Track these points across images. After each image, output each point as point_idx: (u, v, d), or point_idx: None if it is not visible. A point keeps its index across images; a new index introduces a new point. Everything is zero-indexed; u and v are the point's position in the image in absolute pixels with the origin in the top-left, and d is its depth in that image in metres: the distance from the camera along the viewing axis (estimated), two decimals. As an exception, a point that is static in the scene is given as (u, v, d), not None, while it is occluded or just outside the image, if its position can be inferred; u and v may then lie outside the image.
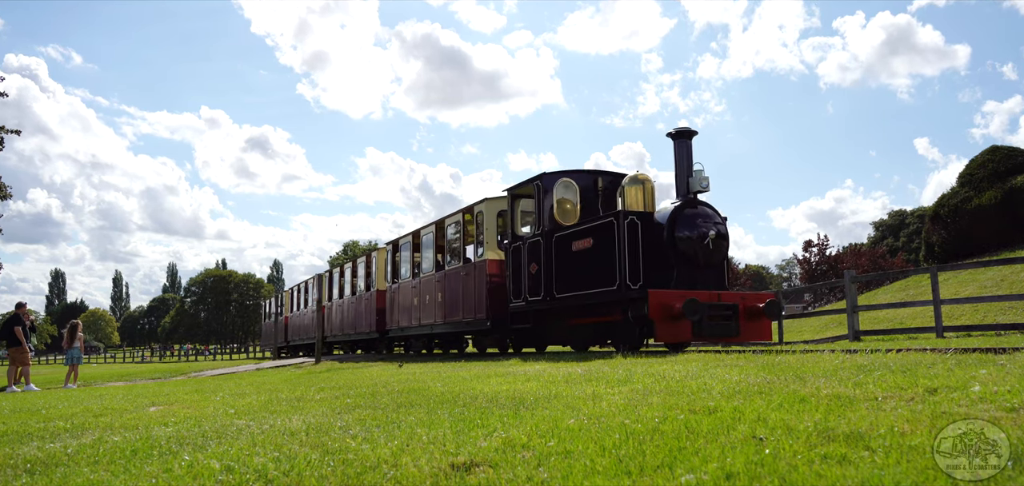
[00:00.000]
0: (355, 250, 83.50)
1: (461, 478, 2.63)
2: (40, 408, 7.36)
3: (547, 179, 11.26)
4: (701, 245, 9.42)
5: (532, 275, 11.26)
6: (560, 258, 10.66)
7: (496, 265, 12.85)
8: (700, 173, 9.72)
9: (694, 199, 9.68)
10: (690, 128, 9.87)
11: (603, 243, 9.77)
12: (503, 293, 12.47)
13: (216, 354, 57.66)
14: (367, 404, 5.23)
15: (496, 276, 12.77)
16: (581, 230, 10.33)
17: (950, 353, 5.47)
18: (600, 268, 9.78)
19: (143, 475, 3.06)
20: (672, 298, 8.82)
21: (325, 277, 24.78)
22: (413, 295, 16.27)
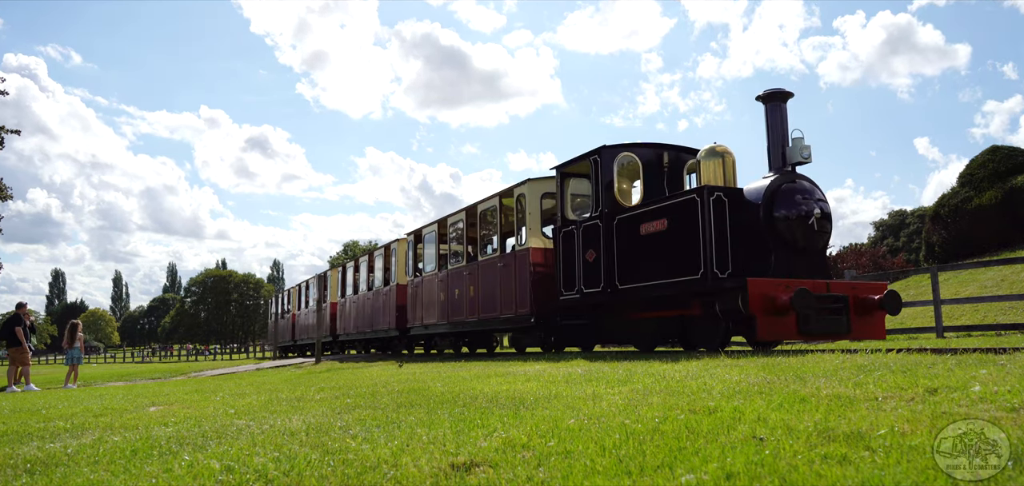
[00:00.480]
0: (355, 250, 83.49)
1: (461, 478, 2.63)
2: (40, 408, 7.36)
3: (606, 153, 9.89)
4: (803, 226, 8.14)
5: (588, 264, 9.98)
6: (624, 243, 9.42)
7: (541, 254, 11.61)
8: (800, 141, 8.42)
9: (793, 172, 8.43)
10: (784, 89, 8.50)
11: (681, 225, 8.52)
12: (549, 285, 11.24)
13: (216, 354, 57.65)
14: (367, 404, 5.23)
15: (541, 266, 11.52)
16: (652, 210, 9.04)
17: (950, 353, 5.47)
18: (677, 254, 8.55)
19: (143, 475, 3.06)
20: (776, 288, 7.63)
21: (336, 273, 23.63)
22: (440, 290, 14.97)
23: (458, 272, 14.22)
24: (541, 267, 11.53)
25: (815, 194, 8.32)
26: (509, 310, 12.11)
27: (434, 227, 15.58)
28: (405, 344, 18.42)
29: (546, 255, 11.60)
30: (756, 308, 7.59)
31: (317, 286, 25.30)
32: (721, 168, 8.97)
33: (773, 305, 7.59)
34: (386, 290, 18.29)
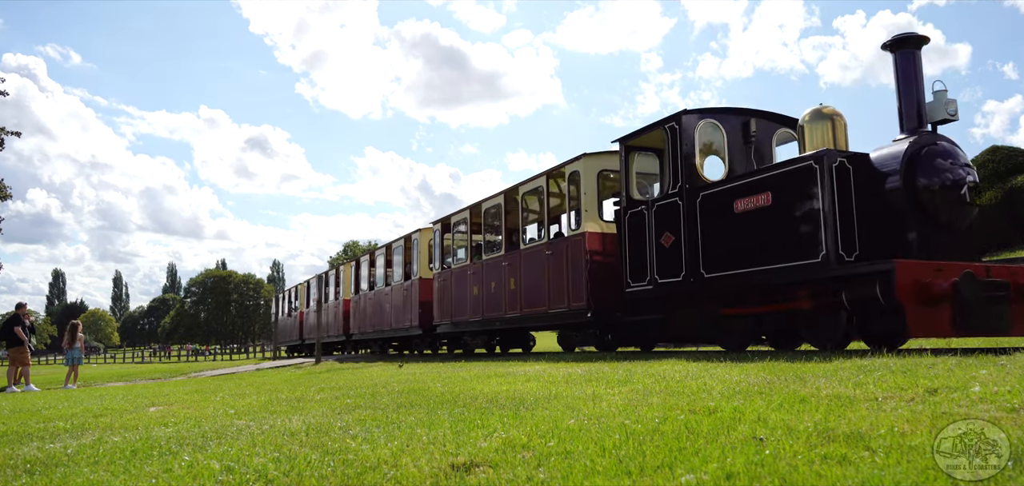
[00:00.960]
0: (355, 250, 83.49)
1: (461, 478, 2.63)
2: (40, 408, 7.35)
3: (687, 120, 8.48)
4: (952, 197, 6.70)
5: (664, 249, 8.61)
6: (711, 224, 8.03)
7: (599, 240, 10.22)
8: (943, 95, 7.06)
9: (934, 133, 7.05)
10: (917, 33, 7.16)
11: (792, 199, 7.13)
12: (610, 275, 9.90)
13: (216, 355, 57.66)
14: (367, 404, 5.23)
15: (599, 254, 10.14)
16: (751, 183, 7.60)
17: (950, 354, 5.47)
18: (785, 234, 7.18)
19: (143, 475, 3.06)
20: (930, 272, 6.20)
21: (349, 268, 22.14)
22: (472, 283, 13.53)
23: (495, 263, 12.89)
24: (599, 255, 10.17)
25: (961, 158, 6.92)
26: (559, 304, 10.78)
27: (465, 214, 14.27)
28: (429, 342, 17.05)
29: (605, 241, 10.26)
30: (906, 297, 6.10)
31: (322, 284, 24.25)
32: (830, 133, 7.49)
33: (928, 293, 6.15)
34: (407, 285, 16.93)
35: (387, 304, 18.14)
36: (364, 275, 20.38)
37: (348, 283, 22.02)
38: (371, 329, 19.35)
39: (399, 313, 17.37)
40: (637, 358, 7.92)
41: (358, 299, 20.60)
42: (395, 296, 17.66)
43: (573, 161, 10.78)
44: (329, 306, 23.77)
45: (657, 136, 9.24)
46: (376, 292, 19.12)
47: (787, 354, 6.68)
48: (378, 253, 19.36)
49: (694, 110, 8.70)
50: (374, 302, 19.21)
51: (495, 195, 13.27)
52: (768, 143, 9.25)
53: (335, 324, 22.86)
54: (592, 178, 10.47)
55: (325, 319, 23.80)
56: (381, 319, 18.57)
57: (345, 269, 22.53)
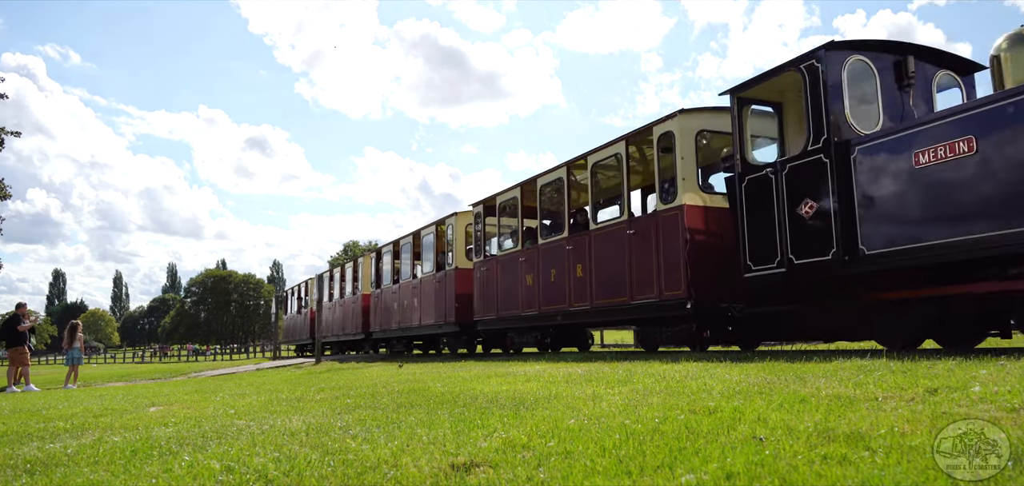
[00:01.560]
0: (355, 250, 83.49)
1: (461, 478, 2.63)
2: (40, 408, 7.35)
3: (832, 57, 6.92)
4: None
5: (802, 222, 6.98)
6: (877, 185, 6.39)
7: (700, 214, 8.53)
8: None
9: None
10: None
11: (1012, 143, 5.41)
12: (713, 258, 8.34)
13: (216, 355, 57.68)
14: (367, 404, 5.23)
15: (701, 231, 8.49)
16: (941, 126, 5.90)
17: (950, 354, 5.47)
18: (1003, 190, 5.45)
19: (143, 475, 3.06)
20: None
21: (369, 260, 20.44)
22: (524, 271, 11.92)
23: (555, 248, 11.15)
24: (701, 233, 8.49)
25: None
26: (646, 293, 9.02)
27: (514, 193, 12.61)
28: (465, 341, 15.40)
29: (708, 216, 8.61)
30: None
31: (339, 278, 22.76)
32: None
33: None
34: (440, 277, 15.18)
35: (415, 299, 16.47)
36: (387, 268, 18.59)
37: (368, 277, 20.23)
38: (396, 326, 17.67)
39: (431, 308, 15.57)
40: (637, 358, 7.92)
41: (380, 294, 18.90)
42: (426, 289, 15.88)
43: (665, 120, 8.87)
44: (345, 302, 21.95)
45: (779, 84, 7.76)
46: (402, 286, 17.36)
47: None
48: (404, 243, 17.53)
49: (841, 42, 7.09)
50: (400, 297, 17.45)
51: (555, 168, 11.45)
52: (928, 89, 7.51)
53: (353, 321, 21.01)
54: (690, 140, 8.60)
55: (340, 316, 22.28)
56: (408, 315, 16.84)
57: (364, 261, 20.67)
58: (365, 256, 20.76)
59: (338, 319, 22.52)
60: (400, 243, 17.74)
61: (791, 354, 6.70)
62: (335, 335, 22.76)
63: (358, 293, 20.63)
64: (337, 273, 23.46)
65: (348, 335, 21.47)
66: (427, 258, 16.40)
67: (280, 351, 30.48)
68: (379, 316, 18.78)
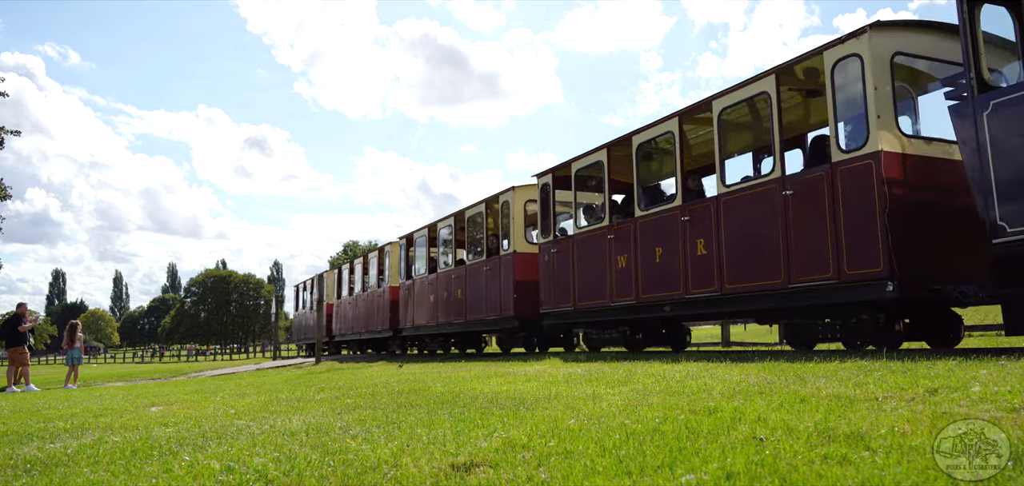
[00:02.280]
0: (356, 250, 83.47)
1: (461, 478, 2.63)
2: (40, 408, 7.35)
3: None
4: None
5: None
6: None
7: (898, 162, 6.40)
8: None
9: None
10: None
11: None
12: (921, 223, 6.35)
13: (216, 355, 57.69)
14: (367, 404, 5.23)
15: (900, 183, 6.36)
16: None
17: (950, 354, 5.47)
18: None
19: (143, 475, 3.06)
20: None
21: (397, 249, 18.26)
22: (616, 251, 9.70)
23: (663, 220, 8.92)
24: (900, 186, 6.41)
25: None
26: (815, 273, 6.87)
27: (596, 158, 10.26)
28: (524, 338, 13.47)
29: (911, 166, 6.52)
30: None
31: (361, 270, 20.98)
32: None
33: None
34: (491, 264, 13.17)
35: (459, 289, 14.48)
36: (420, 255, 16.73)
37: (396, 267, 18.23)
38: (431, 321, 15.75)
39: (481, 300, 13.52)
40: (637, 358, 7.92)
41: (411, 285, 16.98)
42: (474, 279, 13.88)
43: (847, 40, 6.71)
44: (369, 296, 19.93)
45: None
46: (441, 275, 15.37)
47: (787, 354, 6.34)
48: (443, 226, 15.45)
49: None
50: (437, 289, 15.53)
51: (660, 121, 9.13)
52: None
53: (378, 317, 18.98)
54: (884, 66, 6.52)
55: (364, 311, 20.32)
56: (448, 309, 14.92)
57: (392, 250, 18.68)
58: (392, 245, 18.61)
59: (360, 315, 20.51)
60: (438, 227, 15.68)
61: (791, 354, 6.70)
62: (356, 332, 20.83)
63: (384, 285, 18.58)
64: (358, 265, 21.41)
65: (372, 332, 19.42)
66: (473, 243, 14.69)
67: (280, 351, 30.36)
68: (411, 311, 16.78)
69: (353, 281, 22.00)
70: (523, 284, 12.26)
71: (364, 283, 20.82)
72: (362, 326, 20.40)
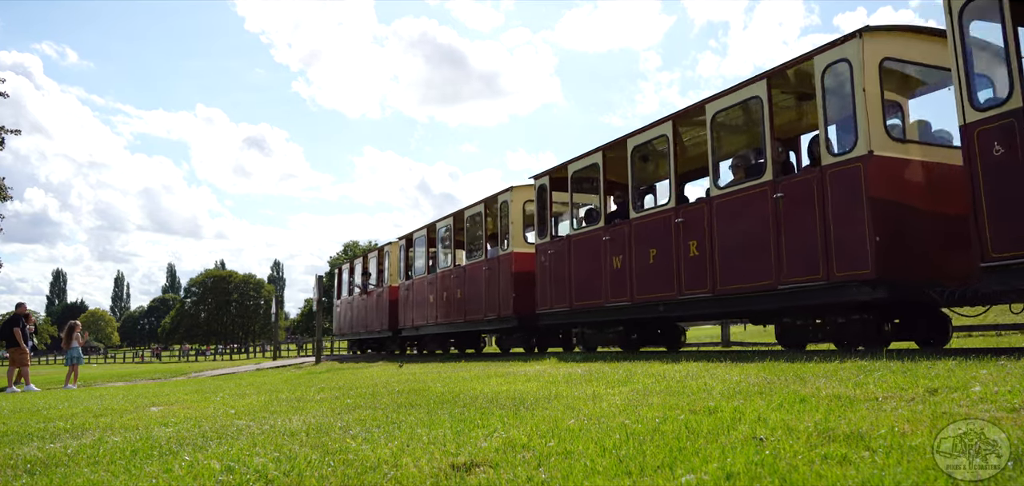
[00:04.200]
0: (356, 250, 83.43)
1: (461, 478, 2.63)
2: (40, 408, 7.35)
3: None
4: None
5: None
6: None
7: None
8: None
9: None
10: None
11: None
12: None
13: (216, 355, 57.69)
14: (367, 404, 5.23)
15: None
16: None
17: (950, 354, 5.47)
18: None
19: (143, 475, 3.06)
20: None
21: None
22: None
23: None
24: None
25: None
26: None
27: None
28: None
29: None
30: None
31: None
32: None
33: None
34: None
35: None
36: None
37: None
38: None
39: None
40: (637, 358, 7.92)
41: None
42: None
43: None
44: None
45: None
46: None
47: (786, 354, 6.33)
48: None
49: None
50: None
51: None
52: None
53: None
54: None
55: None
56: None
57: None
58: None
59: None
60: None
61: (789, 354, 6.69)
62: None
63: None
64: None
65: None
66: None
67: (280, 351, 30.29)
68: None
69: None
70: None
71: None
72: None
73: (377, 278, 18.91)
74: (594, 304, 10.06)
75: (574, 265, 10.60)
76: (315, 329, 17.89)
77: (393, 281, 17.79)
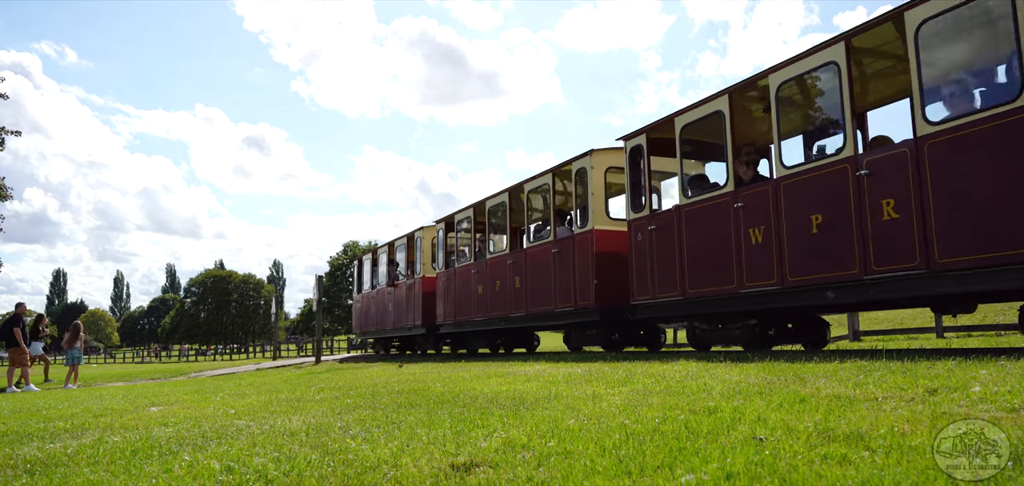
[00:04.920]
0: (355, 250, 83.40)
1: (461, 478, 2.63)
2: (40, 408, 7.35)
3: None
4: None
5: None
6: None
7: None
8: None
9: None
10: None
11: None
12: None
13: (216, 355, 57.68)
14: (367, 404, 5.23)
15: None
16: None
17: (950, 354, 5.47)
18: None
19: (143, 475, 3.06)
20: None
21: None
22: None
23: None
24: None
25: None
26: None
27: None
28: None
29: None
30: None
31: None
32: None
33: None
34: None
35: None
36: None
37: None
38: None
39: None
40: (637, 358, 7.91)
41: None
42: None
43: None
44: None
45: None
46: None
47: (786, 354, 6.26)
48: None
49: None
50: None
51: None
52: None
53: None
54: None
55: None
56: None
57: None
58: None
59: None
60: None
61: (791, 354, 6.69)
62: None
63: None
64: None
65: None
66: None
67: (280, 351, 30.26)
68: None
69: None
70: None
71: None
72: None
73: (407, 268, 16.78)
74: (721, 291, 7.84)
75: (689, 243, 8.40)
76: (315, 329, 17.88)
77: (428, 271, 15.77)
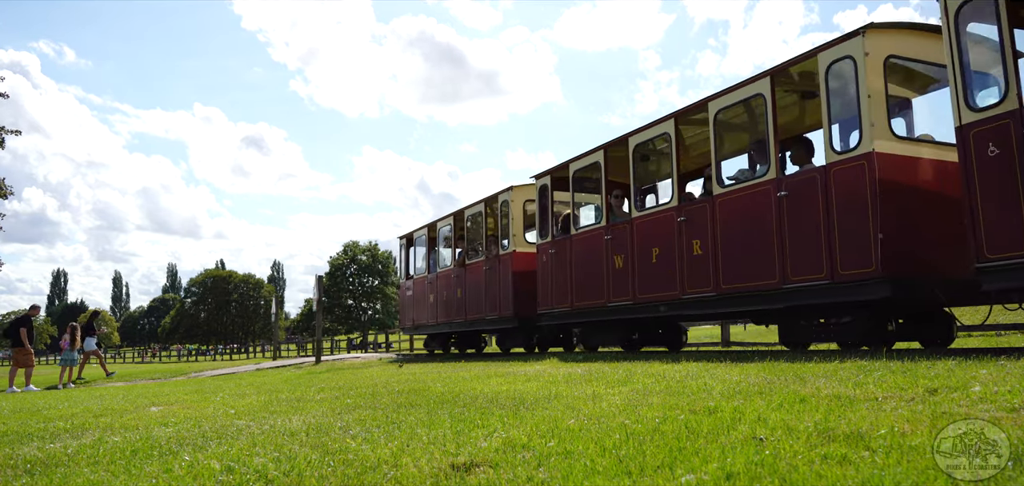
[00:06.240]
0: (355, 250, 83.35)
1: (461, 478, 2.63)
2: (40, 408, 7.36)
3: None
4: None
5: None
6: None
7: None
8: None
9: None
10: None
11: None
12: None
13: (216, 355, 57.65)
14: (367, 404, 5.23)
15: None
16: None
17: (950, 354, 5.46)
18: None
19: (143, 475, 3.06)
20: None
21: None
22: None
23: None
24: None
25: None
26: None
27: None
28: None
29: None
30: None
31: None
32: None
33: None
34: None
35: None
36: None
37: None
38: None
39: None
40: (637, 358, 7.92)
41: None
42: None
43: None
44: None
45: None
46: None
47: (786, 354, 6.33)
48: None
49: None
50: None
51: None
52: None
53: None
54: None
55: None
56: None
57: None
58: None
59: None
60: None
61: (790, 354, 6.69)
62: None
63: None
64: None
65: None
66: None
67: (280, 351, 30.27)
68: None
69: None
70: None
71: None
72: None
73: (487, 244, 13.61)
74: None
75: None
76: (315, 329, 17.87)
77: (519, 246, 12.66)
